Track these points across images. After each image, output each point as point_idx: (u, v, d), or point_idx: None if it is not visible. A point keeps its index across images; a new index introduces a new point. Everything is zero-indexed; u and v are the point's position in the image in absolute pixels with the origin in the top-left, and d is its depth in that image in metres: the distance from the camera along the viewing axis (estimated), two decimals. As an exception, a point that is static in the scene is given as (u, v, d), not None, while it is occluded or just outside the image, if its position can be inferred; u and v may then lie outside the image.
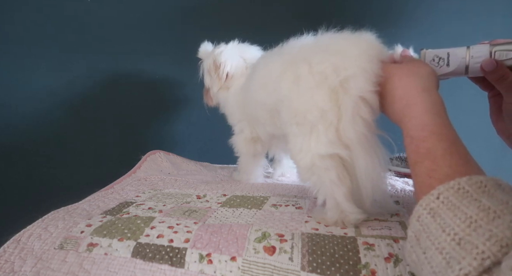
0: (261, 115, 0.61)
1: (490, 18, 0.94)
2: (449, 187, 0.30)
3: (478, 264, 0.24)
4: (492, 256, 0.24)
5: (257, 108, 0.61)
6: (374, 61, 0.44)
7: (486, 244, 0.25)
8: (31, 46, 1.00)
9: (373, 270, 0.37)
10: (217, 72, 0.76)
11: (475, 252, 0.25)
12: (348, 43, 0.47)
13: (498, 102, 0.46)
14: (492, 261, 0.24)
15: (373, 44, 0.47)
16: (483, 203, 0.27)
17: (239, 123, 0.76)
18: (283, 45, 0.57)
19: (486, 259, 0.24)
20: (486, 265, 0.24)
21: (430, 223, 0.29)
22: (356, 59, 0.44)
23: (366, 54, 0.44)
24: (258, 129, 0.71)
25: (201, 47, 0.82)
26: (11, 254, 0.44)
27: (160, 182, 0.75)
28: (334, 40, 0.49)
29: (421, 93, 0.39)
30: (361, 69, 0.43)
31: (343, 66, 0.44)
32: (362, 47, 0.45)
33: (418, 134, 0.36)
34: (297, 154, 0.48)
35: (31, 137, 1.05)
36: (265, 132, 0.67)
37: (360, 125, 0.44)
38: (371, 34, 0.48)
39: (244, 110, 0.73)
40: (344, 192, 0.45)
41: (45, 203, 0.54)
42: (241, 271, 0.39)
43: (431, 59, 0.46)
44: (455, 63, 0.44)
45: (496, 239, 0.25)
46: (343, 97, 0.44)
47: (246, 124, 0.74)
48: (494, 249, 0.24)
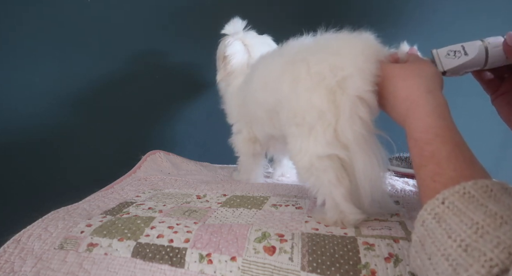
0: (259, 115, 0.61)
1: (491, 18, 0.94)
2: (454, 191, 0.29)
3: (486, 272, 0.24)
4: (500, 263, 0.23)
5: (256, 108, 0.61)
6: (371, 61, 0.44)
7: (494, 251, 0.24)
8: (31, 46, 1.00)
9: (373, 270, 0.37)
10: (224, 62, 0.76)
11: (483, 259, 0.24)
12: (346, 43, 0.47)
13: (506, 99, 0.46)
14: (500, 268, 0.23)
15: (371, 44, 0.47)
16: (490, 209, 0.27)
17: (237, 122, 0.76)
18: (282, 46, 0.57)
19: (494, 266, 0.24)
20: (494, 273, 0.23)
21: (435, 228, 0.29)
22: (353, 59, 0.44)
23: (363, 54, 0.44)
24: (256, 130, 0.70)
25: (230, 22, 0.78)
26: (11, 254, 0.44)
27: (160, 182, 0.75)
28: (332, 40, 0.49)
29: (425, 94, 0.38)
30: (358, 69, 0.43)
31: (340, 66, 0.44)
32: (359, 47, 0.45)
33: (422, 137, 0.36)
34: (296, 155, 0.48)
35: (31, 137, 1.05)
36: (263, 133, 0.67)
37: (358, 125, 0.44)
38: (370, 34, 0.48)
39: (241, 110, 0.72)
40: (343, 192, 0.45)
41: (45, 203, 0.54)
42: (241, 271, 0.39)
43: (446, 54, 0.45)
44: (474, 50, 0.43)
45: (504, 246, 0.24)
46: (341, 97, 0.44)
47: (243, 124, 0.74)
48: (502, 257, 0.24)
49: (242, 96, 0.70)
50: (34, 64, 1.01)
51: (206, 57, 1.04)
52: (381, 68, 0.44)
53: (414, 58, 0.45)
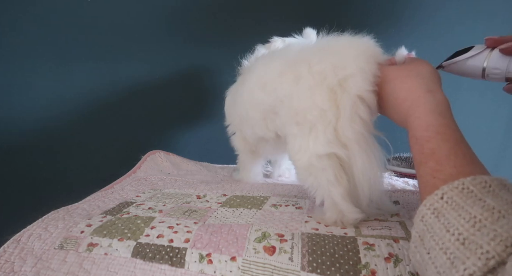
0: (251, 116, 0.61)
1: (491, 19, 0.94)
2: (453, 187, 0.29)
3: (482, 264, 0.24)
4: (497, 256, 0.24)
5: (249, 109, 0.61)
6: (371, 62, 0.45)
7: (491, 244, 0.24)
8: (31, 47, 1.00)
9: (373, 270, 0.37)
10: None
11: (480, 252, 0.24)
12: (347, 44, 0.48)
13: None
14: (496, 261, 0.24)
15: (371, 46, 0.48)
16: (488, 203, 0.27)
17: (231, 124, 0.76)
18: (281, 47, 0.57)
19: (490, 259, 0.24)
20: (490, 265, 0.24)
21: (434, 223, 0.29)
22: (354, 59, 0.45)
23: (364, 55, 0.45)
24: (246, 132, 0.69)
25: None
26: (11, 254, 0.43)
27: (160, 182, 0.75)
28: (334, 42, 0.50)
29: (425, 94, 0.39)
30: (359, 69, 0.44)
31: (341, 65, 0.45)
32: (360, 48, 0.46)
33: (423, 135, 0.36)
34: (295, 154, 0.49)
35: (31, 137, 1.05)
36: (253, 135, 0.66)
37: (358, 124, 0.44)
38: (370, 38, 0.49)
39: (231, 112, 0.72)
40: (341, 192, 0.45)
41: (45, 203, 0.54)
42: (241, 271, 0.39)
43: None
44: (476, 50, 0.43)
45: (500, 239, 0.24)
46: (342, 96, 0.44)
47: (235, 126, 0.74)
48: (498, 249, 0.24)
49: (233, 97, 0.71)
50: (33, 64, 1.01)
51: (206, 57, 1.04)
52: (380, 70, 0.45)
53: (411, 58, 0.46)
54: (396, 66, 0.45)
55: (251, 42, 0.80)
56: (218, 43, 1.03)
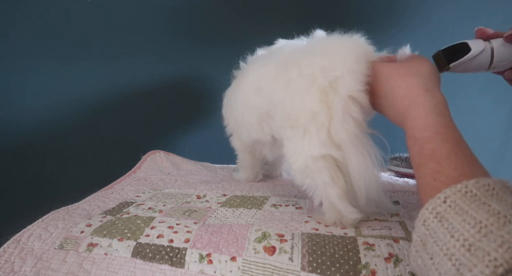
0: (247, 119, 0.60)
1: (491, 18, 0.94)
2: (456, 190, 0.29)
3: (491, 272, 0.23)
4: (505, 263, 0.23)
5: (245, 112, 0.61)
6: (361, 61, 0.45)
7: (499, 251, 0.24)
8: (31, 46, 1.00)
9: (373, 270, 0.37)
10: None
11: (487, 259, 0.24)
12: (336, 44, 0.48)
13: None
14: (505, 268, 0.23)
15: (361, 45, 0.48)
16: (493, 207, 0.26)
17: (227, 126, 0.76)
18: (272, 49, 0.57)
19: (499, 266, 0.23)
20: (499, 273, 0.23)
21: (437, 227, 0.28)
22: (343, 60, 0.45)
23: (354, 55, 0.45)
24: (241, 135, 0.69)
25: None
26: (11, 254, 0.44)
27: (160, 182, 0.75)
28: (323, 42, 0.50)
29: (424, 92, 0.38)
30: (348, 70, 0.44)
31: (331, 67, 0.45)
32: (349, 48, 0.46)
33: (422, 135, 0.35)
34: (291, 157, 0.49)
35: (31, 137, 1.05)
36: (249, 138, 0.66)
37: (351, 125, 0.44)
38: (360, 36, 0.48)
39: (227, 114, 0.72)
40: (338, 192, 0.45)
41: (45, 203, 0.54)
42: (241, 271, 0.39)
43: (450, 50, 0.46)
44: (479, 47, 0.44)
45: (508, 246, 0.23)
46: (333, 98, 0.44)
47: (231, 128, 0.74)
48: (506, 256, 0.23)
49: (228, 100, 0.71)
50: (33, 64, 1.01)
51: (206, 58, 1.04)
52: (375, 68, 0.44)
53: (410, 56, 0.45)
54: (395, 64, 0.44)
55: (251, 42, 0.80)
56: (219, 43, 1.02)
